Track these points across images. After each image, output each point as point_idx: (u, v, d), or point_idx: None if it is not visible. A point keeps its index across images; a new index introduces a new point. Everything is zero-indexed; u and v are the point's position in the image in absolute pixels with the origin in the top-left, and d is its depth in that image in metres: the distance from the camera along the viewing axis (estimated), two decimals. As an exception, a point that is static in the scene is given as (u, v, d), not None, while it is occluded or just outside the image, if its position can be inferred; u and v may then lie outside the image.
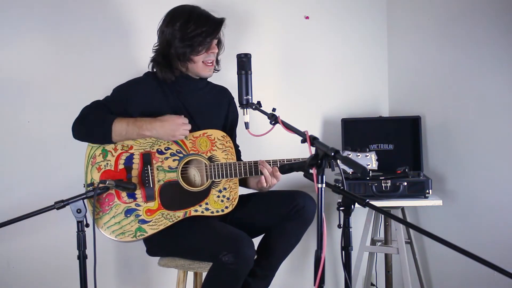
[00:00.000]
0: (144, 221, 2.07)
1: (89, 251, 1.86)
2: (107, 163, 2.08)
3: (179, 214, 2.09)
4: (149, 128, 2.04)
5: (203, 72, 2.18)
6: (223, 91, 2.37)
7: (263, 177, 2.10)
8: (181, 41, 2.09)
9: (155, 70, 2.18)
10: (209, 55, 2.15)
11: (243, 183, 2.29)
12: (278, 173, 2.09)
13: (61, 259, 2.46)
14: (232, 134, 2.36)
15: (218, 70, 2.29)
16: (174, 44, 2.10)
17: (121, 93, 2.14)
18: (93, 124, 2.07)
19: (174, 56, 2.12)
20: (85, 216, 1.88)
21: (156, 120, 2.05)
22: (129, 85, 2.17)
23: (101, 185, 1.95)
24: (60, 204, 1.86)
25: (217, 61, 2.26)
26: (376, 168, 1.97)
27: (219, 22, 2.14)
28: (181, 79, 2.19)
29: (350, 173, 1.99)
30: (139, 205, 2.08)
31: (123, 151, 2.10)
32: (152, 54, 2.20)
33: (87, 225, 1.89)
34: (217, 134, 2.16)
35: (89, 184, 2.02)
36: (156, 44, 2.19)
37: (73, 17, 2.53)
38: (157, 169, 2.11)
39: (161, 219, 2.08)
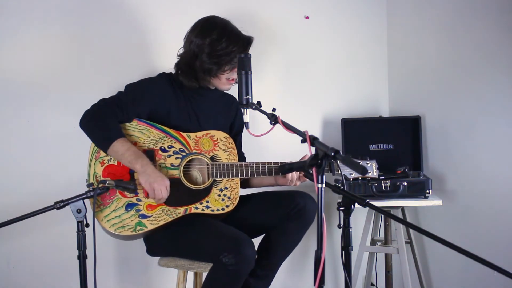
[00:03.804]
0: (144, 216, 2.07)
1: (89, 251, 1.86)
2: (111, 158, 2.09)
3: (180, 211, 2.09)
4: (143, 164, 2.01)
5: (223, 86, 2.21)
6: (231, 99, 2.38)
7: (288, 178, 2.12)
8: (208, 57, 2.10)
9: (178, 73, 2.19)
10: (232, 74, 2.16)
11: (245, 184, 2.30)
12: (304, 178, 2.12)
13: (61, 259, 2.46)
14: (236, 141, 2.35)
15: None
16: (201, 57, 2.11)
17: (135, 91, 2.14)
18: (97, 129, 2.06)
19: (200, 69, 2.13)
20: (85, 216, 1.88)
21: (152, 165, 2.03)
22: (143, 84, 2.18)
23: (101, 185, 1.95)
24: (60, 204, 1.86)
25: None
26: (377, 177, 1.98)
27: (248, 43, 2.16)
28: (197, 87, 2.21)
29: (351, 180, 1.99)
30: (140, 200, 2.08)
31: None
32: (176, 59, 2.20)
33: (87, 225, 1.89)
34: (220, 135, 2.17)
35: (88, 184, 2.02)
36: (181, 51, 2.20)
37: (74, 16, 2.53)
38: (160, 166, 2.11)
39: (162, 215, 2.08)
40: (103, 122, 2.05)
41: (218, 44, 2.10)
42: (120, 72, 2.56)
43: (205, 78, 2.17)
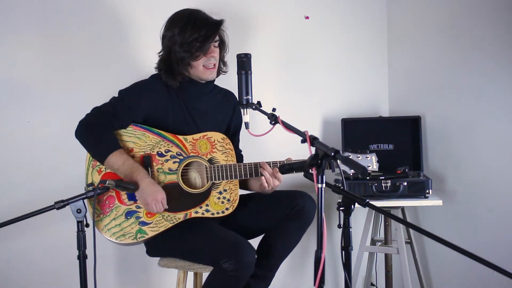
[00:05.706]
0: (144, 223, 2.07)
1: (89, 251, 1.86)
2: None
3: (180, 216, 2.09)
4: (140, 178, 2.00)
5: (204, 75, 2.16)
6: (228, 95, 2.35)
7: (264, 179, 2.08)
8: (180, 47, 2.07)
9: (161, 72, 2.16)
10: (209, 59, 2.13)
11: (244, 185, 2.29)
12: (279, 174, 2.08)
13: (61, 259, 2.46)
14: (234, 139, 2.35)
15: (226, 72, 2.27)
16: (174, 49, 2.09)
17: (129, 97, 2.12)
18: (92, 142, 2.05)
19: (174, 62, 2.11)
20: (85, 216, 1.88)
21: (148, 177, 2.03)
22: (137, 89, 2.14)
23: (101, 185, 1.95)
24: (60, 204, 1.86)
25: (224, 63, 2.25)
26: (377, 170, 1.97)
27: (217, 25, 2.11)
28: (187, 84, 2.18)
29: (351, 174, 1.98)
30: (139, 207, 2.08)
31: None
32: (157, 60, 2.18)
33: (87, 225, 1.89)
34: (217, 136, 2.15)
35: (89, 184, 2.02)
36: (160, 51, 2.18)
37: (74, 17, 2.53)
38: (158, 171, 2.10)
39: (162, 221, 2.07)
40: (98, 134, 2.04)
41: (185, 32, 2.06)
42: (121, 71, 2.56)
43: (184, 70, 2.12)
